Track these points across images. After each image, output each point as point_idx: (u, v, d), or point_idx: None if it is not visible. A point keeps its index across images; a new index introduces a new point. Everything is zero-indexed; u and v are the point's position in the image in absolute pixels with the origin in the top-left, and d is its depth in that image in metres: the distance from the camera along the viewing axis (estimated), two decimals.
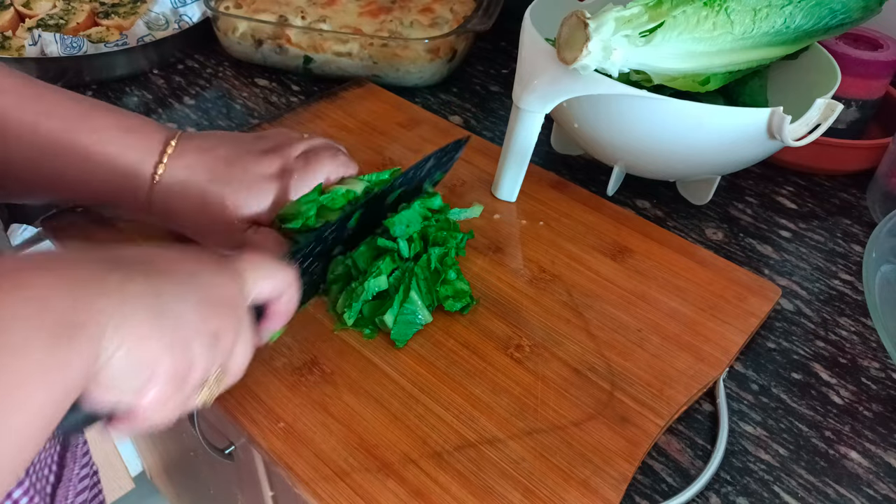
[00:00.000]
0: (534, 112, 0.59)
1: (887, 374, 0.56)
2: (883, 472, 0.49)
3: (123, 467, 1.35)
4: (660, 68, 0.57)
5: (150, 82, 0.88)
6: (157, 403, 0.33)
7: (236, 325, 0.37)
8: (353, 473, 0.45)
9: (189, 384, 0.34)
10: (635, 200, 0.71)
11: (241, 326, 0.37)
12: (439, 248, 0.56)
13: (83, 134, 0.49)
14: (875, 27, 0.75)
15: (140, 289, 0.32)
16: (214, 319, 0.35)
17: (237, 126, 0.80)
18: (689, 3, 0.55)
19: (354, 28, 0.86)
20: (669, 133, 0.59)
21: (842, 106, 0.58)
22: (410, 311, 0.53)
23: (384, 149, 0.73)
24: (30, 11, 0.96)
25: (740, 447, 0.50)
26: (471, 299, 0.55)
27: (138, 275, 0.32)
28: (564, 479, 0.45)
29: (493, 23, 0.86)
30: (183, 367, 0.33)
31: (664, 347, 0.54)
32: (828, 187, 0.75)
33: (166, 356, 0.32)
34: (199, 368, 0.35)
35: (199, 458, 0.95)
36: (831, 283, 0.64)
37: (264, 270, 0.39)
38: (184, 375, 0.34)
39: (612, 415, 0.49)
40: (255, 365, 0.51)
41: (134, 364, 0.31)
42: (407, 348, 0.53)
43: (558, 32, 0.54)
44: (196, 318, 0.34)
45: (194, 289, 0.35)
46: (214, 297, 0.36)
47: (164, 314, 0.32)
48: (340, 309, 0.54)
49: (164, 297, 0.33)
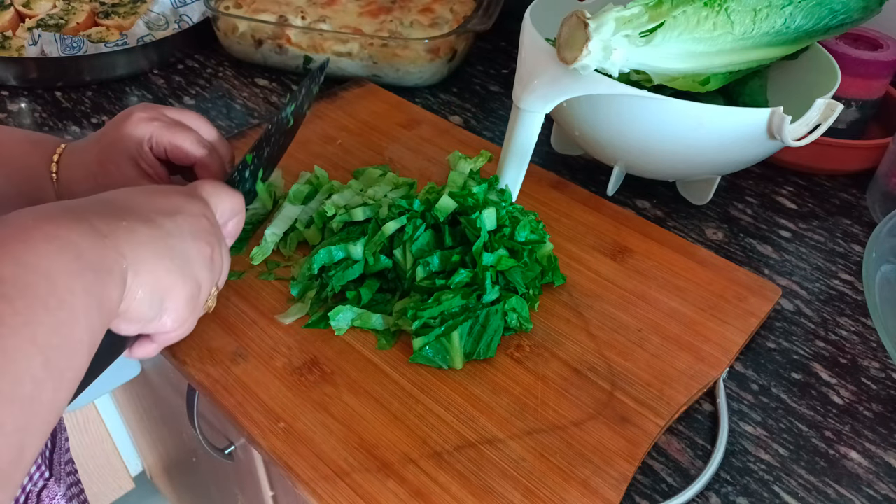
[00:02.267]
0: (534, 112, 0.59)
1: (887, 374, 0.56)
2: (883, 472, 0.49)
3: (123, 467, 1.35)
4: (660, 68, 0.57)
5: (150, 82, 0.88)
6: (176, 323, 0.39)
7: (220, 244, 0.43)
8: (353, 473, 0.45)
9: (199, 302, 0.41)
10: (635, 200, 0.71)
11: (222, 244, 0.43)
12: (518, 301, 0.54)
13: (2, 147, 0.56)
14: (875, 27, 0.75)
15: (146, 231, 0.37)
16: (206, 245, 0.41)
17: (237, 126, 0.80)
18: (690, 4, 0.55)
19: (354, 28, 0.86)
20: (669, 133, 0.59)
21: (842, 106, 0.58)
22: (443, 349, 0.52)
23: (384, 149, 0.73)
24: (30, 11, 0.96)
25: (740, 447, 0.50)
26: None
27: (138, 222, 0.37)
28: (564, 479, 0.45)
29: (493, 23, 0.86)
30: (193, 290, 0.39)
31: (664, 347, 0.54)
32: (828, 187, 0.75)
33: (179, 285, 0.38)
34: (205, 287, 0.41)
35: (199, 459, 0.95)
36: (831, 283, 0.64)
37: (221, 195, 0.45)
38: (195, 296, 0.40)
39: (612, 415, 0.49)
40: (255, 365, 0.52)
41: (154, 297, 0.37)
42: (407, 348, 0.53)
43: (558, 32, 0.54)
44: (194, 248, 0.40)
45: (185, 222, 0.40)
46: (201, 226, 0.41)
47: (171, 251, 0.38)
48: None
49: (167, 237, 0.38)
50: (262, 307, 0.56)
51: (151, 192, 0.41)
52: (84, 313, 0.31)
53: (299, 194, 0.62)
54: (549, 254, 0.58)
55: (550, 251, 0.58)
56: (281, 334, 0.54)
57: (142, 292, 0.36)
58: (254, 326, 0.54)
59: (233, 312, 0.55)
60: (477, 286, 0.53)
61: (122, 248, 0.35)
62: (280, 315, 0.55)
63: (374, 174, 0.67)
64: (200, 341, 0.53)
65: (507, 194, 0.62)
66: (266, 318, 0.55)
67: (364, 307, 0.55)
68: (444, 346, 0.51)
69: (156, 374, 0.89)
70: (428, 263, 0.55)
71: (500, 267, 0.54)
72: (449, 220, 0.57)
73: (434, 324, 0.51)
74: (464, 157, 0.67)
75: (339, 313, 0.54)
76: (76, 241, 0.32)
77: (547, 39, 0.59)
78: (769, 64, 0.65)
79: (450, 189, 0.58)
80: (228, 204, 0.46)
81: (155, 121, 0.55)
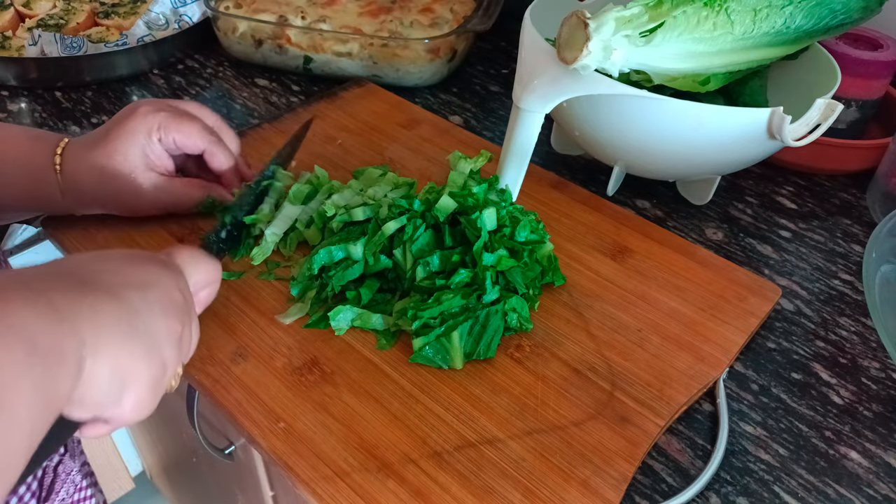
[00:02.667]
0: (534, 112, 0.59)
1: (887, 374, 0.56)
2: (883, 472, 0.49)
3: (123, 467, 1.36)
4: (660, 68, 0.57)
5: (150, 82, 0.88)
6: (136, 408, 0.35)
7: (191, 321, 0.41)
8: (353, 473, 0.45)
9: (163, 385, 0.38)
10: (635, 200, 0.71)
11: (193, 319, 0.42)
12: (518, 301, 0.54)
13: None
14: (875, 27, 0.75)
15: (111, 310, 0.34)
16: (176, 323, 0.38)
17: (237, 126, 0.80)
18: (690, 4, 0.54)
19: (354, 28, 0.86)
20: (669, 133, 0.59)
21: (842, 106, 0.58)
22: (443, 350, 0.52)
23: (384, 149, 0.73)
24: (30, 11, 0.96)
25: (740, 447, 0.50)
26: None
27: (104, 298, 0.34)
28: (564, 479, 0.45)
29: (493, 23, 0.86)
30: (158, 372, 0.36)
31: (664, 347, 0.54)
32: (828, 187, 0.75)
33: (143, 369, 0.35)
34: (170, 368, 0.38)
35: (199, 459, 0.95)
36: (831, 283, 0.64)
37: (198, 264, 0.44)
38: (158, 379, 0.37)
39: (612, 415, 0.49)
40: (255, 365, 0.52)
41: (114, 381, 0.34)
42: (407, 348, 0.53)
43: (558, 32, 0.54)
44: (163, 325, 0.37)
45: (156, 297, 0.37)
46: (172, 301, 0.39)
47: (137, 330, 0.35)
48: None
49: (134, 316, 0.35)
50: (262, 307, 0.56)
51: (124, 259, 0.39)
52: (28, 415, 0.28)
53: (299, 194, 0.62)
54: (550, 254, 0.58)
55: (551, 251, 0.58)
56: (281, 334, 0.54)
57: (101, 377, 0.33)
58: (254, 326, 0.54)
59: (233, 312, 0.55)
60: (477, 286, 0.53)
61: (82, 332, 0.32)
62: (280, 315, 0.55)
63: (374, 174, 0.67)
64: (200, 341, 0.53)
65: (507, 194, 0.62)
66: (266, 318, 0.55)
67: (364, 307, 0.55)
68: (444, 346, 0.51)
69: None
70: (428, 263, 0.55)
71: (500, 267, 0.54)
72: (449, 220, 0.57)
73: (434, 324, 0.51)
74: (464, 157, 0.67)
75: (339, 313, 0.54)
76: (30, 324, 0.29)
77: (547, 39, 0.59)
78: (769, 64, 0.65)
79: (450, 189, 0.58)
80: (203, 275, 0.44)
81: (161, 112, 0.56)
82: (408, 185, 0.65)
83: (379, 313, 0.54)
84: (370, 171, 0.67)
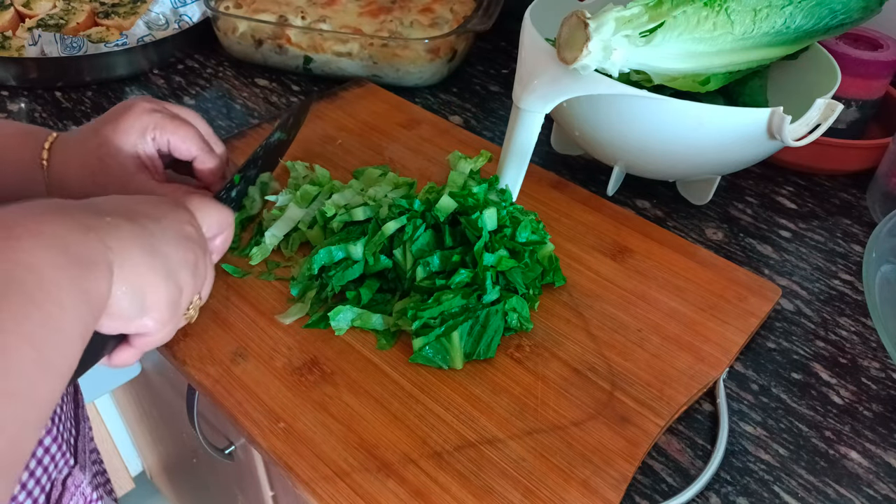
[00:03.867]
0: (534, 112, 0.59)
1: (887, 374, 0.56)
2: (883, 472, 0.49)
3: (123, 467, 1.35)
4: (660, 68, 0.57)
5: (150, 82, 0.88)
6: (157, 325, 0.38)
7: (204, 255, 0.42)
8: (353, 473, 0.45)
9: (181, 307, 0.40)
10: (635, 200, 0.71)
11: (206, 255, 0.43)
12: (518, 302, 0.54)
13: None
14: (875, 27, 0.75)
15: (129, 229, 0.37)
16: (190, 252, 0.40)
17: (237, 126, 0.80)
18: (690, 4, 0.54)
19: (354, 28, 0.86)
20: (669, 133, 0.59)
21: (842, 106, 0.58)
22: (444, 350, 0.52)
23: (384, 149, 0.73)
24: (30, 11, 0.96)
25: (740, 447, 0.50)
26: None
27: (123, 220, 0.37)
28: (564, 479, 0.45)
29: (493, 23, 0.86)
30: (175, 293, 0.39)
31: (664, 347, 0.54)
32: (828, 187, 0.75)
33: (161, 285, 0.37)
34: (187, 293, 0.40)
35: (199, 459, 0.95)
36: (831, 283, 0.64)
37: (210, 209, 0.45)
38: (176, 300, 0.39)
39: (612, 415, 0.49)
40: (255, 365, 0.52)
41: (136, 293, 0.36)
42: (407, 348, 0.53)
43: (558, 32, 0.54)
44: (178, 252, 0.39)
45: (169, 226, 0.39)
46: (185, 233, 0.40)
47: (155, 250, 0.37)
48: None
49: (150, 237, 0.37)
50: (262, 307, 0.56)
51: (138, 199, 0.41)
52: (72, 305, 0.31)
53: (306, 196, 0.62)
54: (551, 254, 0.58)
55: (552, 252, 0.58)
56: (281, 334, 0.54)
57: (125, 287, 0.36)
58: (254, 326, 0.54)
59: (233, 312, 0.55)
60: (477, 286, 0.53)
61: (107, 241, 0.35)
62: (280, 315, 0.55)
63: (374, 174, 0.67)
64: (200, 341, 0.53)
65: (508, 194, 0.62)
66: (266, 318, 0.55)
67: (364, 307, 0.55)
68: (444, 346, 0.51)
69: (156, 374, 0.89)
70: (428, 263, 0.55)
71: (500, 267, 0.54)
72: (449, 220, 0.57)
73: (434, 324, 0.51)
74: (464, 157, 0.67)
75: (339, 313, 0.54)
76: (62, 235, 0.32)
77: (547, 39, 0.59)
78: (769, 64, 0.65)
79: (450, 189, 0.58)
80: (216, 217, 0.45)
81: (157, 112, 0.55)
82: (408, 185, 0.65)
83: (379, 313, 0.54)
84: (370, 171, 0.67)
